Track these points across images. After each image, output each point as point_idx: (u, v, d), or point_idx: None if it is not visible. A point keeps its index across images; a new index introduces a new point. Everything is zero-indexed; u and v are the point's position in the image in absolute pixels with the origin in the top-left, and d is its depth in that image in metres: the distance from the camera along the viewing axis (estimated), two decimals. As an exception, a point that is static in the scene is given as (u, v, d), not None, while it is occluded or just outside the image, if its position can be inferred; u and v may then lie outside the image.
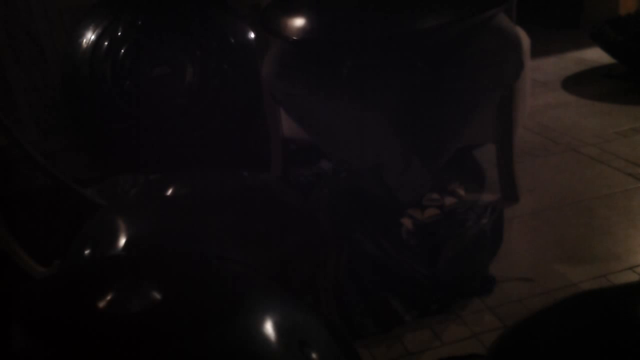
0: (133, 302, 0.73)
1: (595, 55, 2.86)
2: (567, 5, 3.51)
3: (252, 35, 1.97)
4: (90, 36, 1.99)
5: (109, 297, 0.74)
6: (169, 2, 2.03)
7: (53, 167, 1.75)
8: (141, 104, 1.97)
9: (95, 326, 0.70)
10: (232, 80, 2.00)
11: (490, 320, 1.21)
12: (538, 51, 2.42)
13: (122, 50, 1.95)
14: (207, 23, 2.01)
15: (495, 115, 1.59)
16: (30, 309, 0.74)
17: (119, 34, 1.96)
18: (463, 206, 1.45)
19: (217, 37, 2.00)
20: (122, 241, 1.15)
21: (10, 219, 1.40)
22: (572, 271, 1.33)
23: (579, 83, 2.61)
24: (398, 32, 1.37)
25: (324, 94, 1.43)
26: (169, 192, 1.31)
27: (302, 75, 1.44)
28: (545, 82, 2.65)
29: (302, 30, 1.45)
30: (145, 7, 2.01)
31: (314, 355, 0.71)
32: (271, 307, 0.75)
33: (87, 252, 1.18)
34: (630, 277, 1.29)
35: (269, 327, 0.70)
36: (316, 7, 1.49)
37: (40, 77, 2.16)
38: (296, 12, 1.47)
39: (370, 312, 1.23)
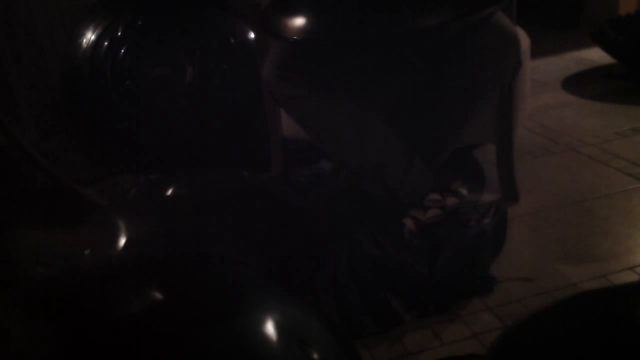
0: (133, 302, 0.73)
1: (595, 55, 2.86)
2: (567, 5, 3.51)
3: (252, 35, 1.97)
4: (90, 36, 1.99)
5: (109, 297, 0.74)
6: (168, 2, 2.04)
7: (53, 167, 1.75)
8: (141, 104, 1.97)
9: (96, 326, 0.70)
10: (232, 80, 2.00)
11: (490, 320, 1.21)
12: (538, 51, 2.42)
13: (122, 50, 1.95)
14: (206, 23, 2.01)
15: (495, 115, 1.59)
16: (30, 309, 0.74)
17: (119, 34, 1.96)
18: (466, 206, 1.44)
19: (217, 37, 2.00)
20: (122, 241, 1.15)
21: (10, 219, 1.40)
22: (572, 271, 1.33)
23: (579, 83, 2.61)
24: (397, 30, 1.37)
25: (324, 94, 1.43)
26: (169, 192, 1.32)
27: (303, 76, 1.44)
28: (545, 82, 2.65)
29: (302, 30, 1.45)
30: (145, 7, 2.01)
31: (314, 355, 0.71)
32: (271, 307, 0.75)
33: (87, 252, 1.18)
34: (630, 277, 1.29)
35: (269, 327, 0.71)
36: (316, 7, 1.49)
37: (40, 77, 2.16)
38: (295, 13, 1.47)
39: (370, 312, 1.23)
